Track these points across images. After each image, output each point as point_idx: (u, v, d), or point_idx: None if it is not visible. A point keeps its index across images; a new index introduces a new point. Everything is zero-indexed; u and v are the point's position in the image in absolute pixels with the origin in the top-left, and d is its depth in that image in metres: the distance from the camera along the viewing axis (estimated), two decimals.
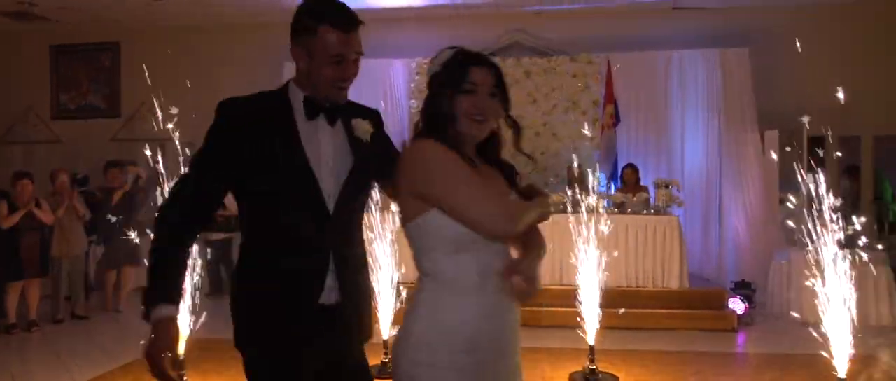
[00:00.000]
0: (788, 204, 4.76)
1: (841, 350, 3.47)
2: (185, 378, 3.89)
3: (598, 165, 7.35)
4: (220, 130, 1.68)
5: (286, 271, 1.64)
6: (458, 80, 1.62)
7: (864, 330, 5.49)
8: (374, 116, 1.83)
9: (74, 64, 8.87)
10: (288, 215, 1.64)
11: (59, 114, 8.90)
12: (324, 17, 1.63)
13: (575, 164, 6.04)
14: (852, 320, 3.48)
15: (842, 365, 3.47)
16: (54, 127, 8.86)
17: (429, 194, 1.51)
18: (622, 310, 5.10)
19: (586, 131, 7.53)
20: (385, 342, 4.42)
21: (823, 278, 3.51)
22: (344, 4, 1.67)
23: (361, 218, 1.81)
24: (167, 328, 1.57)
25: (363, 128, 1.75)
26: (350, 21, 1.65)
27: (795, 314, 5.40)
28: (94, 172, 8.80)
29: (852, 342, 3.54)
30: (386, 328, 4.42)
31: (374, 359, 4.42)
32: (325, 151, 1.68)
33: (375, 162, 1.76)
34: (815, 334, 3.61)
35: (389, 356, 4.23)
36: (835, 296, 3.46)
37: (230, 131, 1.66)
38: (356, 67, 1.70)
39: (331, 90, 1.69)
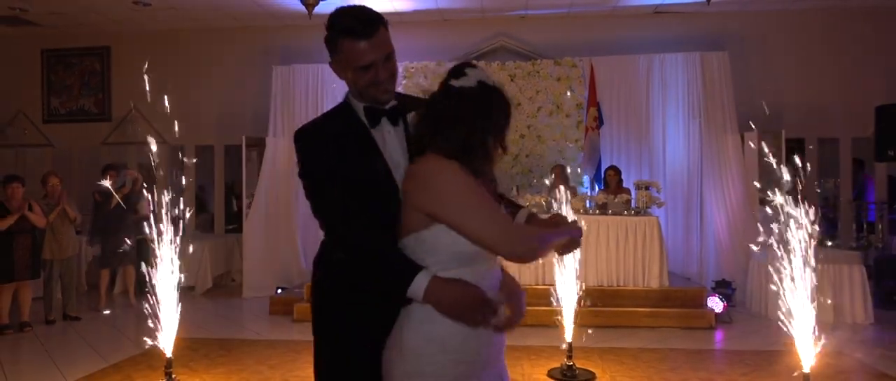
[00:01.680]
0: (767, 208, 4.89)
1: (805, 346, 3.61)
2: (173, 377, 3.99)
3: (581, 167, 7.56)
4: (322, 155, 1.66)
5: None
6: (504, 125, 1.66)
7: (840, 327, 5.72)
8: (422, 104, 1.74)
9: (65, 68, 8.94)
10: (376, 222, 1.62)
11: (50, 118, 8.97)
12: (343, 30, 1.65)
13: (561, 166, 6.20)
14: (816, 317, 3.61)
15: (807, 360, 3.61)
16: (45, 131, 8.93)
17: (442, 215, 1.53)
18: (589, 304, 5.18)
19: (570, 134, 7.70)
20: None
21: (778, 278, 3.64)
22: (361, 10, 1.67)
23: None
24: (445, 283, 1.53)
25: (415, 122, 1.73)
26: (367, 27, 1.64)
27: (774, 313, 5.54)
28: (87, 175, 8.90)
29: (820, 338, 3.68)
30: None
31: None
32: (396, 154, 1.70)
33: None
34: (785, 330, 3.75)
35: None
36: (799, 295, 3.60)
37: (329, 154, 1.65)
38: (390, 65, 1.70)
39: (372, 95, 1.70)
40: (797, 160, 3.91)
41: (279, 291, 7.04)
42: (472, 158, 1.57)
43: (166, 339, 3.96)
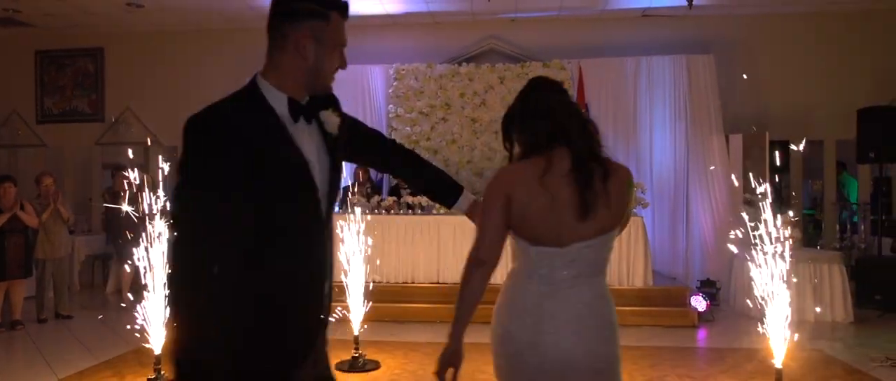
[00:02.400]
0: (745, 212, 4.99)
1: (778, 343, 3.72)
2: (162, 374, 4.06)
3: None
4: (208, 149, 1.43)
5: (293, 283, 1.51)
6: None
7: (821, 325, 5.84)
8: (335, 102, 1.64)
9: (59, 69, 9.00)
10: (292, 224, 1.50)
11: (44, 118, 9.03)
12: (333, 3, 1.52)
13: None
14: (788, 315, 3.72)
15: (779, 356, 3.72)
16: (39, 131, 8.99)
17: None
18: None
19: None
20: (355, 338, 4.64)
21: (753, 278, 3.75)
22: None
23: None
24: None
25: (332, 121, 1.60)
26: (348, 10, 1.57)
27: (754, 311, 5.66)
28: (80, 176, 8.98)
29: (794, 334, 3.79)
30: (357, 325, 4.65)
31: (345, 355, 4.63)
32: (310, 153, 1.53)
33: (345, 151, 1.66)
34: (761, 329, 3.86)
35: (359, 352, 4.46)
36: (771, 293, 3.71)
37: (219, 149, 1.43)
38: None
39: (329, 80, 1.58)
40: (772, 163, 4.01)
41: None
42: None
43: (155, 337, 4.04)
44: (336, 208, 1.74)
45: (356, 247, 4.75)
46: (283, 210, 1.48)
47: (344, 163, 1.74)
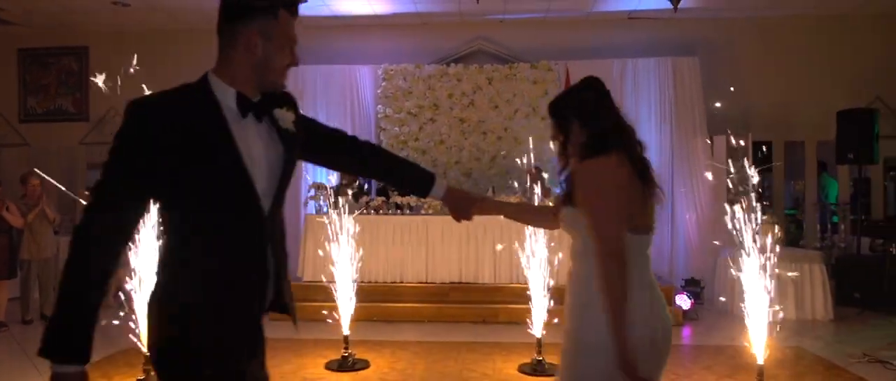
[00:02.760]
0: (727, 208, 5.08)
1: (759, 340, 3.81)
2: (151, 374, 4.06)
3: (557, 168, 7.73)
4: (138, 133, 1.47)
5: (231, 280, 1.52)
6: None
7: (802, 322, 5.96)
8: (291, 100, 1.67)
9: (42, 68, 8.91)
10: (224, 221, 1.51)
11: (27, 117, 8.93)
12: (280, 1, 1.55)
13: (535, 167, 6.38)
14: (769, 313, 3.81)
15: (760, 353, 3.81)
16: (21, 130, 8.89)
17: None
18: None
19: (546, 136, 7.86)
20: (345, 337, 4.66)
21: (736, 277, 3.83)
22: None
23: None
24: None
25: (286, 118, 1.62)
26: (298, 8, 1.60)
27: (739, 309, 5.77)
28: (65, 175, 8.87)
29: (775, 332, 3.88)
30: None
31: (335, 354, 4.64)
32: (256, 149, 1.55)
33: (300, 149, 1.69)
34: (745, 326, 3.95)
35: (348, 351, 4.48)
36: (752, 292, 3.80)
37: (151, 135, 1.46)
38: None
39: (281, 77, 1.61)
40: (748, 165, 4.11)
41: None
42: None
43: (144, 337, 4.04)
44: (326, 208, 1.79)
45: (345, 247, 4.78)
46: (214, 205, 1.51)
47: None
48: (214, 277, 1.51)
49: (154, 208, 1.84)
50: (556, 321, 5.25)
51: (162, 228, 1.59)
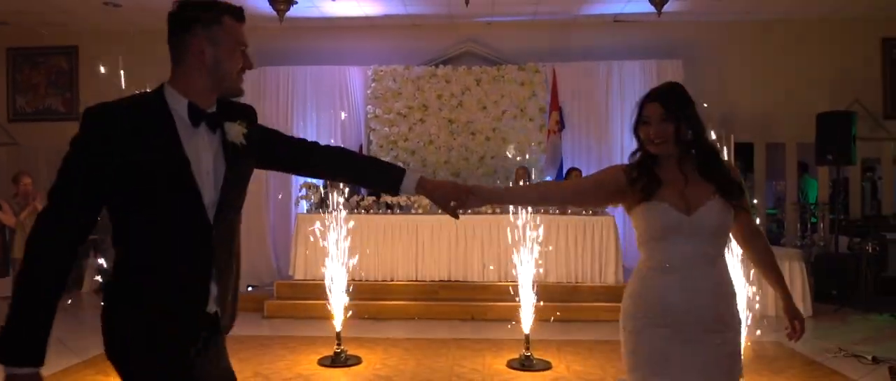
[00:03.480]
0: None
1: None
2: None
3: (543, 168, 7.88)
4: (95, 140, 1.55)
5: (172, 284, 1.60)
6: (637, 117, 2.08)
7: (782, 319, 6.12)
8: (248, 113, 1.76)
9: (32, 67, 8.90)
10: (170, 227, 1.59)
11: (16, 117, 8.92)
12: (221, 8, 1.63)
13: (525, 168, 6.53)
14: (757, 309, 3.97)
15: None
16: (10, 129, 8.88)
17: None
18: (541, 302, 5.51)
19: (533, 136, 8.01)
20: (337, 334, 4.76)
21: None
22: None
23: (239, 223, 1.77)
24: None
25: (235, 131, 1.67)
26: (243, 14, 1.68)
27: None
28: (54, 175, 8.84)
29: (753, 327, 4.04)
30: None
31: (328, 351, 4.73)
32: (205, 159, 1.61)
33: (253, 160, 1.76)
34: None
35: (341, 347, 4.52)
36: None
37: (106, 142, 1.54)
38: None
39: (237, 81, 1.67)
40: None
41: (250, 288, 7.18)
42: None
43: None
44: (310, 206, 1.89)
45: (336, 246, 4.87)
46: (162, 211, 1.58)
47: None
48: (156, 278, 1.59)
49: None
50: (552, 318, 5.42)
51: (113, 234, 1.63)
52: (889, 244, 6.56)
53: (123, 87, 4.64)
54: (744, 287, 3.93)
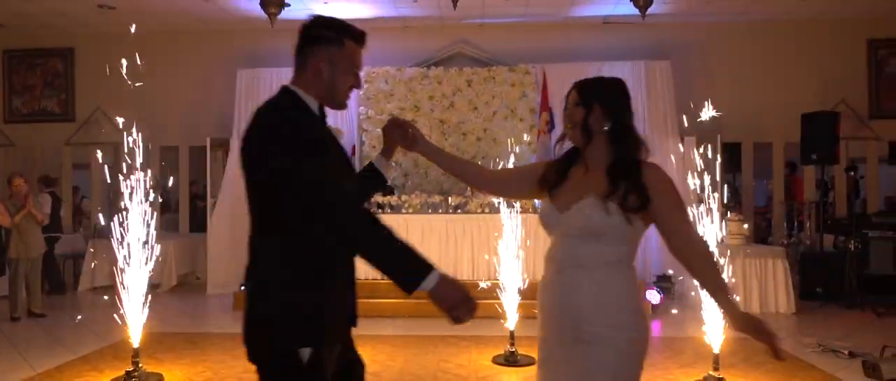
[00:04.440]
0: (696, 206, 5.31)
1: (715, 331, 4.07)
2: (140, 367, 4.24)
3: None
4: (318, 138, 1.71)
5: (343, 271, 1.78)
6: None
7: (765, 316, 6.24)
8: None
9: (28, 69, 9.01)
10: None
11: (12, 118, 9.02)
12: (347, 31, 1.78)
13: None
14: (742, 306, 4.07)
15: (716, 343, 4.07)
16: (6, 131, 8.97)
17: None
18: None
19: (524, 137, 8.11)
20: None
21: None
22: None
23: None
24: (453, 282, 1.64)
25: (339, 133, 2.05)
26: (364, 38, 1.83)
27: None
28: (50, 175, 8.97)
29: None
30: None
31: None
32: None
33: None
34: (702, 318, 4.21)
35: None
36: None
37: (323, 139, 1.73)
38: None
39: (344, 98, 1.82)
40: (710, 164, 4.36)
41: (243, 287, 7.26)
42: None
43: (134, 330, 4.21)
44: None
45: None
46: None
47: None
48: (330, 269, 1.73)
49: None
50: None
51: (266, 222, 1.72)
52: (871, 242, 6.67)
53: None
54: None
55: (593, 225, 1.80)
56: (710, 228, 4.29)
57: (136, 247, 4.17)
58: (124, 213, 4.20)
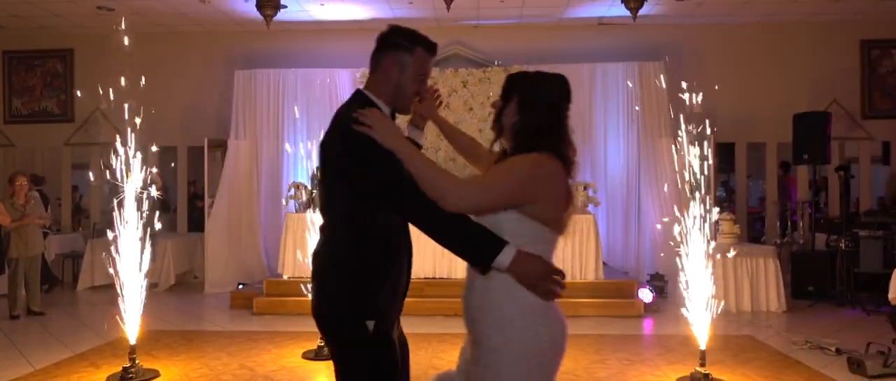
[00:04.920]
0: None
1: (701, 327, 4.14)
2: (137, 363, 4.31)
3: None
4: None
5: (405, 255, 1.99)
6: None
7: (756, 314, 6.34)
8: None
9: (27, 70, 9.08)
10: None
11: (12, 118, 9.09)
12: (419, 41, 1.93)
13: None
14: (710, 303, 4.15)
15: (702, 339, 4.14)
16: (6, 131, 9.05)
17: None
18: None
19: None
20: None
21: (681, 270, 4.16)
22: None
23: None
24: (530, 256, 1.72)
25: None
26: (435, 49, 1.99)
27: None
28: (50, 175, 9.08)
29: (719, 320, 4.22)
30: None
31: (312, 344, 4.91)
32: None
33: None
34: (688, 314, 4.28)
35: None
36: (694, 284, 4.13)
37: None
38: None
39: (409, 102, 1.98)
40: (700, 163, 4.44)
41: (240, 286, 7.36)
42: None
43: (131, 327, 4.29)
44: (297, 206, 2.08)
45: None
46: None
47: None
48: (401, 255, 1.97)
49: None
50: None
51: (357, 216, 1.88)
52: (862, 241, 6.74)
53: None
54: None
55: (487, 223, 1.78)
56: (701, 228, 4.33)
57: (133, 245, 4.24)
58: (121, 212, 4.27)
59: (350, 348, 1.88)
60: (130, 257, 4.27)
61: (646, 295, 6.53)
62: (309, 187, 6.95)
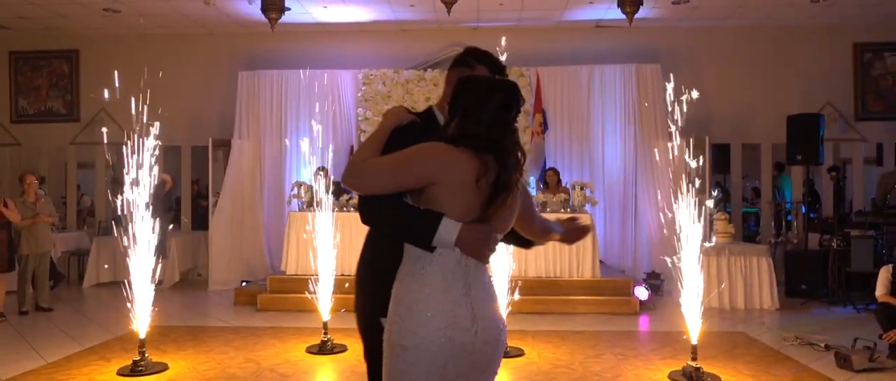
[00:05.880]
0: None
1: (693, 324, 4.28)
2: (147, 356, 4.44)
3: (528, 169, 8.19)
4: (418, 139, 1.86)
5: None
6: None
7: (749, 311, 6.47)
8: None
9: (33, 70, 9.22)
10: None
11: (18, 118, 9.23)
12: (484, 59, 2.04)
13: None
14: (700, 300, 4.29)
15: (694, 335, 4.28)
16: (13, 131, 9.18)
17: None
18: (519, 296, 5.79)
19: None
20: (324, 323, 5.06)
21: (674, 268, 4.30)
22: (497, 59, 2.06)
23: None
24: (471, 225, 1.70)
25: None
26: (499, 68, 2.04)
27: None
28: (56, 174, 9.21)
29: (710, 316, 4.35)
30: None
31: (315, 339, 5.05)
32: None
33: None
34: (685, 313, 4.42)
35: (328, 336, 4.84)
36: (687, 283, 4.27)
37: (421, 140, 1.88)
38: None
39: None
40: (693, 163, 4.57)
41: (244, 283, 7.49)
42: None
43: (142, 321, 4.42)
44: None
45: (326, 242, 5.18)
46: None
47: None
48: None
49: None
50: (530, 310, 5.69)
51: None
52: (853, 241, 6.87)
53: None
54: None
55: None
56: (696, 227, 4.46)
57: (144, 243, 4.37)
58: (131, 210, 4.40)
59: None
60: (142, 252, 4.39)
61: (641, 293, 6.66)
62: (311, 187, 7.07)
